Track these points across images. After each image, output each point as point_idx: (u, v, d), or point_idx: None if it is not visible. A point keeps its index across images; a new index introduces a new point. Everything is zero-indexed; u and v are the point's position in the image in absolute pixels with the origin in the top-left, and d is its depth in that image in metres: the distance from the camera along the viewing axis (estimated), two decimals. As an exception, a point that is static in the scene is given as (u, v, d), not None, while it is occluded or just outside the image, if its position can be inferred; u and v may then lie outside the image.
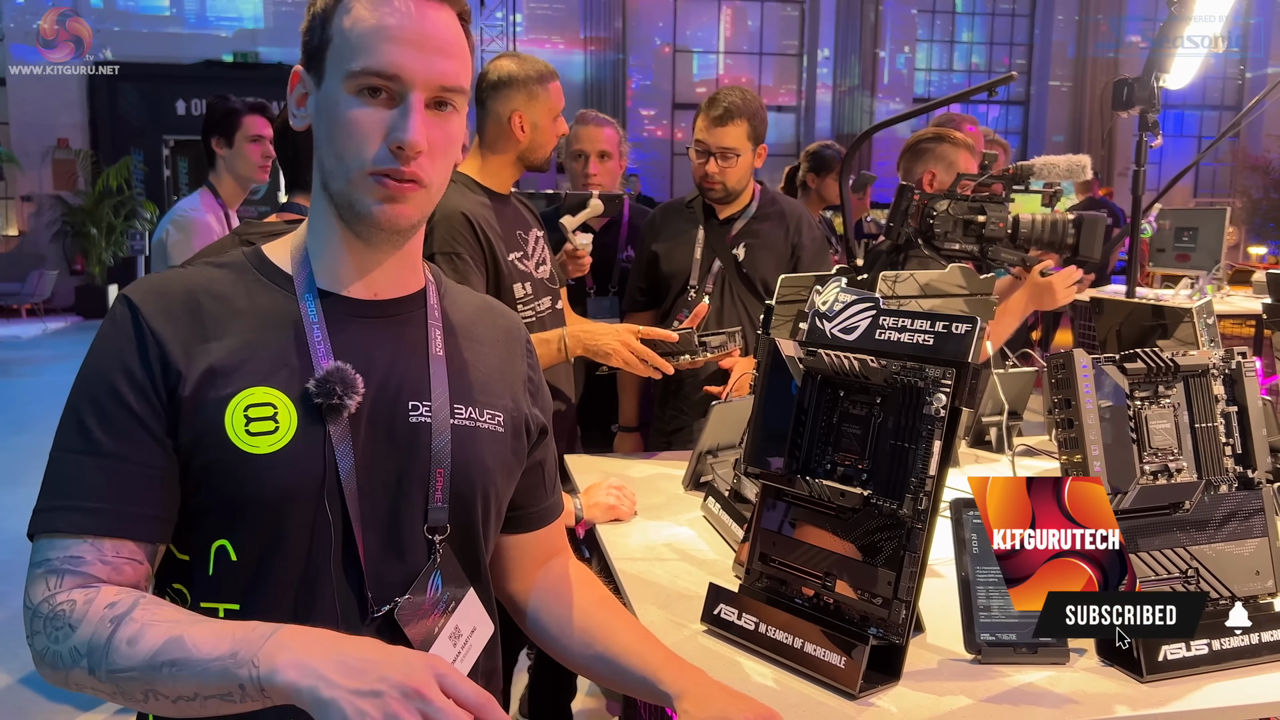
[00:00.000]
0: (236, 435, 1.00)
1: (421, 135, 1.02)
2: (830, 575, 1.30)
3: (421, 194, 1.05)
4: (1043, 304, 2.78)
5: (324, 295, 1.09)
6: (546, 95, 2.37)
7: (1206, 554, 1.36)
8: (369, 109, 1.02)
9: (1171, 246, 6.33)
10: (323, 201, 1.09)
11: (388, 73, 1.01)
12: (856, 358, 1.31)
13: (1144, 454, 1.34)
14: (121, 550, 0.98)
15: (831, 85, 15.38)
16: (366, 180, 1.03)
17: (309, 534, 1.02)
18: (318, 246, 1.10)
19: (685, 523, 1.92)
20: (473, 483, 1.11)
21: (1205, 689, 1.26)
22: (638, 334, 2.20)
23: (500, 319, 1.26)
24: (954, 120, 3.32)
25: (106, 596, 0.94)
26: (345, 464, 1.03)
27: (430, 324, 1.14)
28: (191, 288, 1.06)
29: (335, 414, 1.02)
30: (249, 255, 1.13)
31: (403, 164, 1.02)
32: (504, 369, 1.21)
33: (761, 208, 2.80)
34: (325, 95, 1.05)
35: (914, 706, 1.21)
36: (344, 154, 1.03)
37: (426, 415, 1.09)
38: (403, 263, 1.13)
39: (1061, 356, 1.33)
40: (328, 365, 1.03)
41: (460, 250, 2.23)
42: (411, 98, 1.02)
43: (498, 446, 1.15)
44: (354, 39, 1.02)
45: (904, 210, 2.00)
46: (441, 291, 1.20)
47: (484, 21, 13.94)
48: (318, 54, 1.06)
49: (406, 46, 1.01)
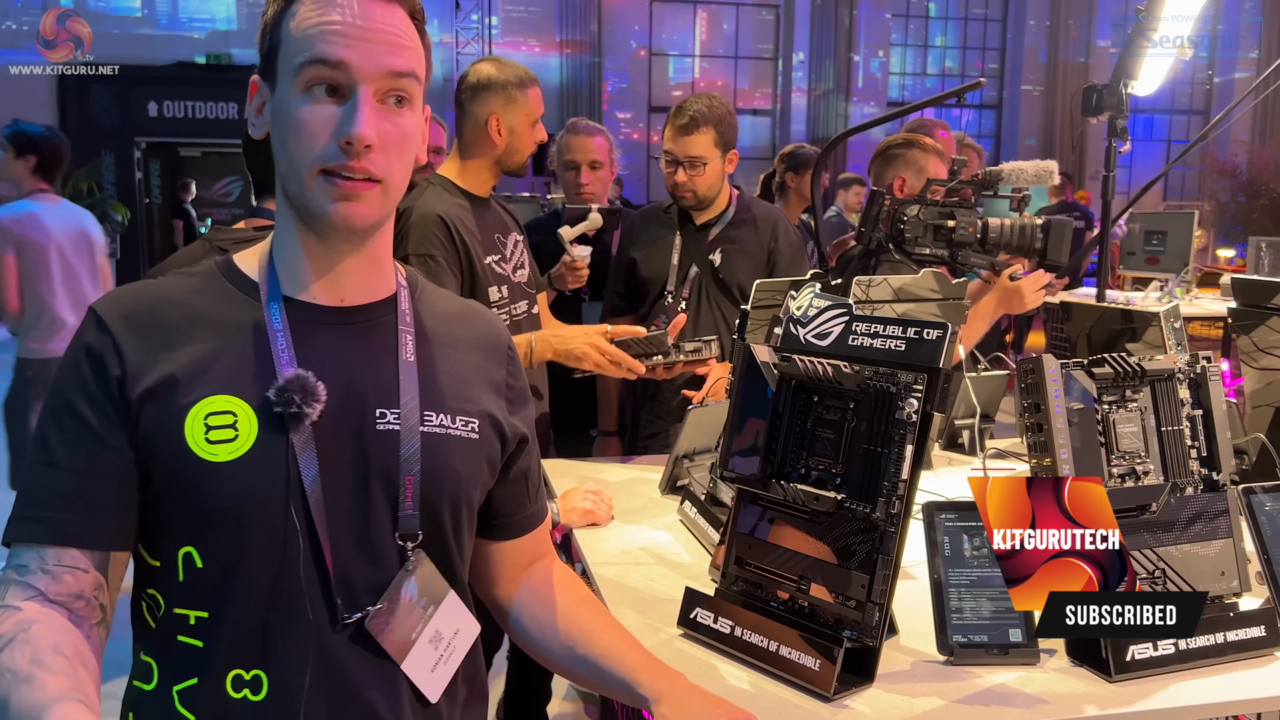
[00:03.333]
0: (196, 443, 1.00)
1: (370, 129, 1.00)
2: (805, 579, 1.31)
3: (377, 191, 1.03)
4: (1012, 308, 2.81)
5: (290, 303, 1.08)
6: (525, 100, 2.38)
7: (1173, 555, 1.38)
8: (317, 106, 1.01)
9: (1141, 249, 6.41)
10: (285, 207, 1.09)
11: (332, 60, 1.00)
12: (830, 363, 1.32)
13: (1112, 457, 1.36)
14: (64, 558, 0.99)
15: (806, 89, 15.44)
16: (318, 179, 1.02)
17: (273, 542, 1.01)
18: (283, 253, 1.10)
19: (662, 527, 1.92)
20: (442, 490, 1.10)
21: (1172, 688, 1.28)
22: (607, 334, 2.21)
23: (480, 323, 1.25)
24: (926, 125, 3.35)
25: (6, 626, 0.94)
26: (309, 472, 1.02)
27: (401, 329, 1.13)
28: (159, 298, 1.06)
29: (296, 422, 1.02)
30: (220, 264, 1.12)
31: (353, 159, 1.00)
32: (480, 375, 1.20)
33: (738, 213, 2.82)
34: (278, 99, 1.04)
35: (887, 708, 1.22)
36: (295, 154, 1.02)
37: (395, 423, 1.08)
38: (369, 266, 1.12)
39: (1031, 362, 1.35)
40: (289, 373, 1.03)
41: (434, 252, 2.23)
42: (360, 91, 1.01)
43: (470, 453, 1.14)
44: (299, 37, 1.01)
45: (875, 215, 2.02)
46: (416, 295, 1.19)
47: (459, 24, 13.89)
48: (270, 59, 1.05)
49: (351, 38, 1.01)
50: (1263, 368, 1.95)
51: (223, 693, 1.00)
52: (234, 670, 1.01)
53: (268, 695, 1.00)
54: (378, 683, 1.05)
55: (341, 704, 1.03)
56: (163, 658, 1.04)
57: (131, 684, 1.07)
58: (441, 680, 1.10)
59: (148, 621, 1.06)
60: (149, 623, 1.05)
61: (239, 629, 1.01)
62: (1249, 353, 1.97)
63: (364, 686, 1.04)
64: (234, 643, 1.01)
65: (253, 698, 1.01)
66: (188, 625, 1.02)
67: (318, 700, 1.01)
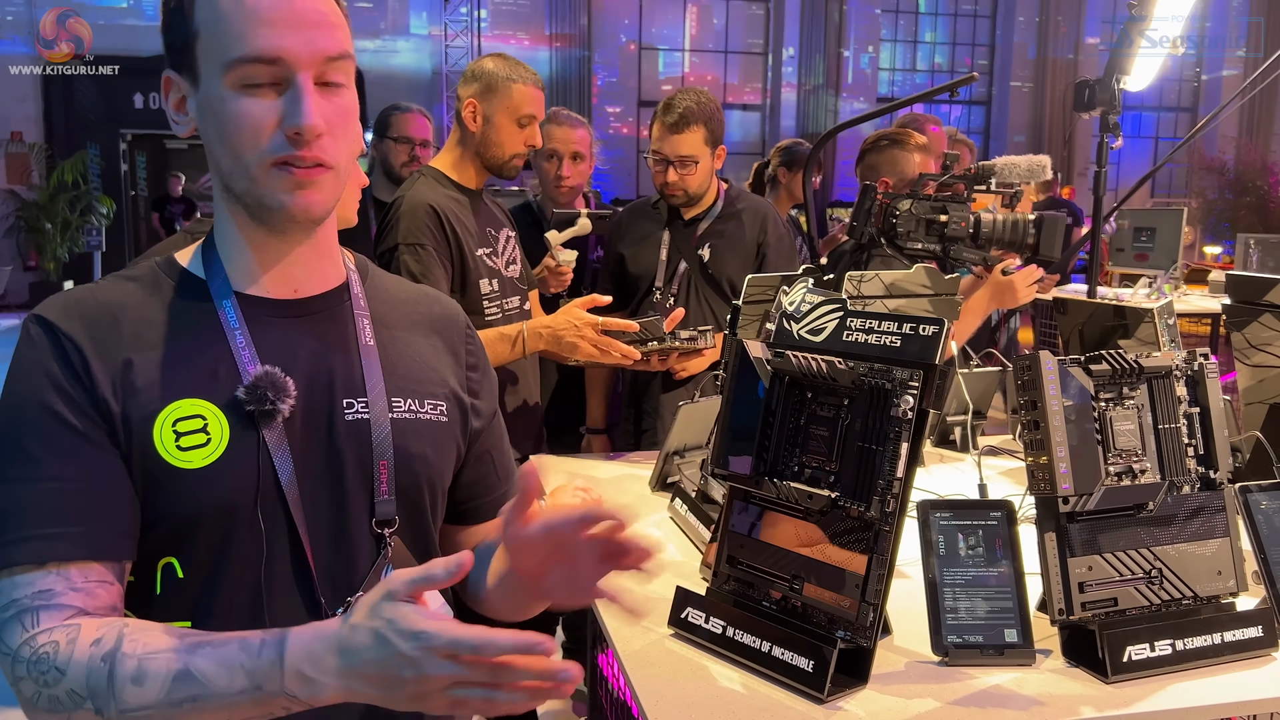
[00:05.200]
0: (167, 451, 0.97)
1: (318, 116, 0.97)
2: (798, 578, 1.29)
3: (330, 176, 1.01)
4: (1004, 302, 2.80)
5: (242, 298, 1.05)
6: (507, 92, 2.34)
7: (1169, 554, 1.37)
8: (255, 100, 0.97)
9: (1130, 246, 6.42)
10: (225, 204, 1.05)
11: (269, 56, 0.95)
12: (824, 359, 1.30)
13: (1109, 455, 1.34)
14: (90, 574, 0.94)
15: (796, 84, 15.44)
16: (270, 172, 0.98)
17: (254, 543, 0.99)
18: (228, 249, 1.06)
19: (652, 524, 1.90)
20: (416, 474, 1.09)
21: (1169, 689, 1.26)
22: (598, 326, 2.18)
23: (435, 305, 1.24)
24: (917, 120, 3.34)
25: (89, 634, 0.90)
26: (285, 470, 1.00)
27: (357, 314, 1.11)
28: (104, 303, 1.02)
29: (269, 420, 0.99)
30: (160, 265, 1.09)
31: (303, 149, 0.98)
32: (440, 355, 1.19)
33: (726, 207, 2.79)
34: (205, 95, 0.99)
35: (882, 710, 1.20)
36: (240, 151, 0.98)
37: (363, 411, 1.06)
38: (319, 254, 1.10)
39: (1028, 358, 1.33)
40: (255, 370, 1.00)
41: (424, 241, 2.20)
42: (299, 79, 0.97)
43: (440, 435, 1.13)
44: (223, 28, 0.96)
45: (867, 210, 2.00)
46: (367, 282, 1.17)
47: (448, 17, 13.83)
48: (185, 51, 1.00)
49: (282, 27, 0.96)
50: (1256, 364, 1.94)
51: None
52: None
53: None
54: None
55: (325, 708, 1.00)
56: None
57: None
58: None
59: None
60: None
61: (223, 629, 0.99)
62: (1242, 349, 1.95)
63: None
64: None
65: None
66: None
67: None
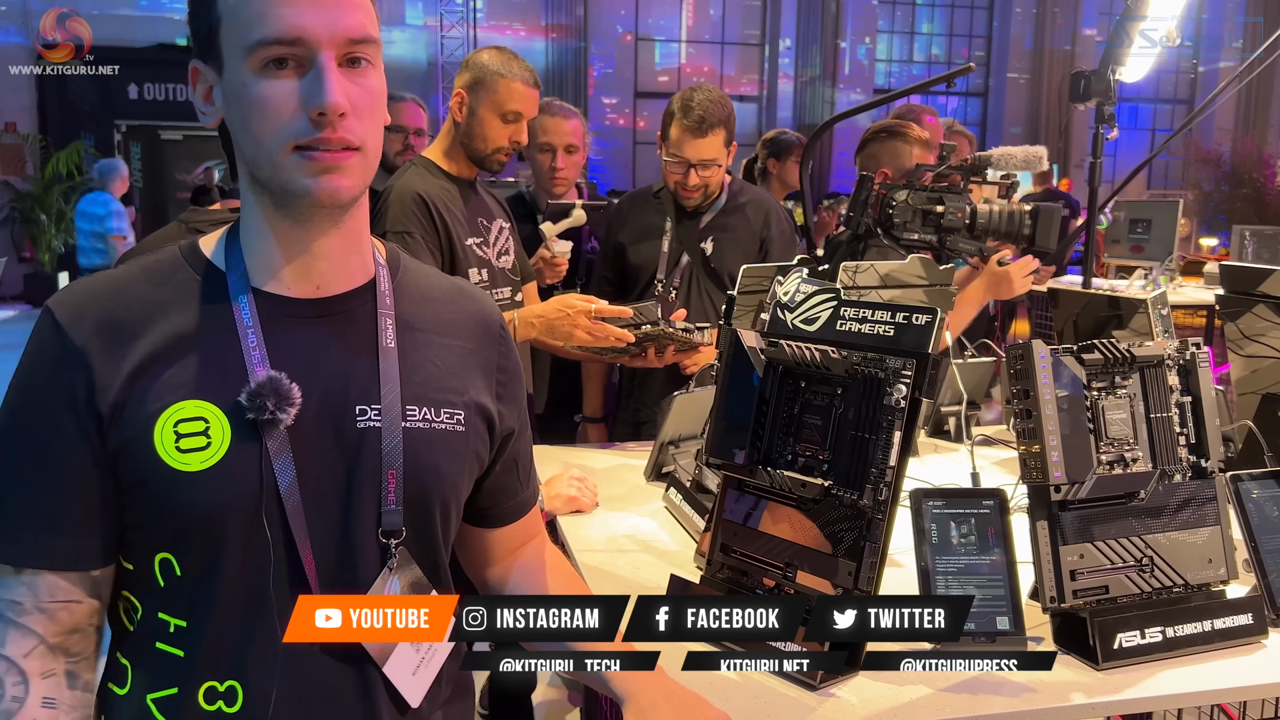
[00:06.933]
0: (167, 453, 0.95)
1: (341, 95, 0.94)
2: (791, 566, 1.30)
3: (357, 159, 0.97)
4: (1000, 293, 2.80)
5: (260, 295, 1.02)
6: (495, 86, 2.33)
7: (1161, 542, 1.38)
8: (277, 82, 0.94)
9: (1126, 238, 6.43)
10: (251, 194, 1.02)
11: (289, 37, 0.93)
12: (818, 348, 1.30)
13: (1101, 444, 1.35)
14: (58, 592, 0.96)
15: (793, 75, 15.40)
16: (293, 157, 0.95)
17: (250, 550, 0.97)
18: (252, 242, 1.03)
19: (647, 514, 1.91)
20: (427, 486, 1.05)
21: (1159, 676, 1.27)
22: (591, 314, 2.18)
23: (470, 304, 1.18)
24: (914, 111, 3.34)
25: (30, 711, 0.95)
26: (285, 478, 0.97)
27: (381, 313, 1.06)
28: (121, 292, 1.00)
29: (270, 428, 0.96)
30: (184, 250, 1.05)
31: (328, 131, 0.94)
32: (469, 361, 1.13)
33: (730, 200, 2.77)
34: (229, 82, 0.97)
35: (874, 696, 1.21)
36: (261, 135, 0.96)
37: (376, 419, 1.02)
38: (347, 247, 1.05)
39: (1020, 347, 1.33)
40: (261, 376, 0.97)
41: (412, 229, 2.20)
42: (320, 59, 0.94)
43: (456, 446, 1.08)
44: (244, 12, 0.94)
45: (863, 200, 2.01)
46: (398, 277, 1.11)
47: (443, 7, 13.78)
48: (210, 40, 0.98)
49: (302, 7, 0.93)
50: (1250, 355, 1.94)
51: (197, 705, 0.97)
52: (208, 683, 0.97)
53: (242, 707, 0.97)
54: (355, 691, 1.02)
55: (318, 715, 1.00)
56: (140, 663, 1.01)
57: (105, 685, 1.04)
58: (423, 684, 1.06)
59: (125, 624, 1.02)
60: (126, 625, 1.02)
61: (217, 639, 0.98)
62: (1236, 340, 1.96)
63: (342, 695, 1.01)
64: (212, 653, 0.98)
65: (227, 709, 0.97)
66: (167, 633, 0.99)
67: (293, 713, 0.98)
